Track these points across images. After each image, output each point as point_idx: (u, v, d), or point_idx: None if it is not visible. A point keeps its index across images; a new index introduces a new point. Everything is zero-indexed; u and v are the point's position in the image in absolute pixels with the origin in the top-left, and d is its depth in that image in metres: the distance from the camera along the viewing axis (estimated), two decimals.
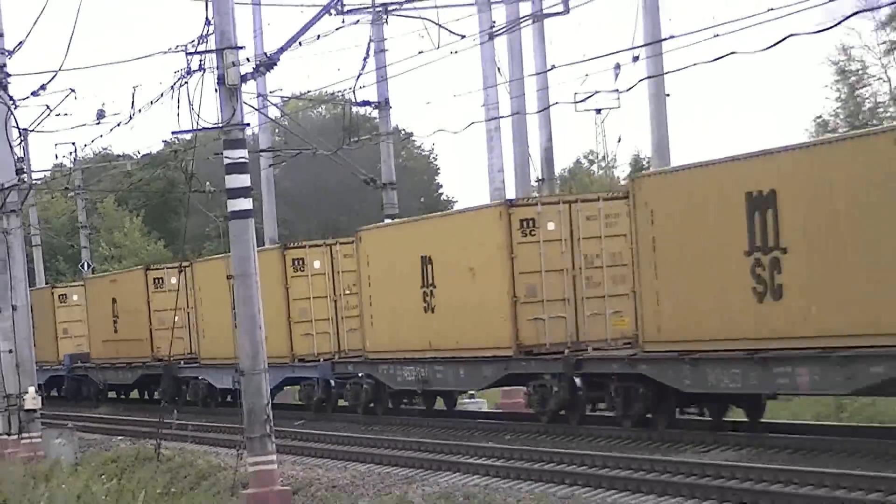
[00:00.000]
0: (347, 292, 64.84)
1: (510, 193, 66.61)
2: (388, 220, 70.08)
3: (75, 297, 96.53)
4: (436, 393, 65.73)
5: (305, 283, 64.93)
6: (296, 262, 64.49)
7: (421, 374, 59.39)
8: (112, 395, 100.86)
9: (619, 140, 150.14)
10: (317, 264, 67.22)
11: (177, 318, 71.85)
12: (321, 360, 67.97)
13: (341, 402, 67.37)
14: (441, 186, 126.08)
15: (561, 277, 51.12)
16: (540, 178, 64.83)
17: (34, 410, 56.48)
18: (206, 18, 44.07)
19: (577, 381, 53.46)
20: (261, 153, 64.33)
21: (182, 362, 71.72)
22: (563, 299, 51.16)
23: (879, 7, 75.33)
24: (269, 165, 78.62)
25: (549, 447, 52.16)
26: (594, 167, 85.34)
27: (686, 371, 50.04)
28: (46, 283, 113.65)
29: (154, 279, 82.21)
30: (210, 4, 43.95)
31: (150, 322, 76.49)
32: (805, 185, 47.41)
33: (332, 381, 67.98)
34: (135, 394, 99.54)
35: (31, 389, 57.73)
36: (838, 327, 44.15)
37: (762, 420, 53.84)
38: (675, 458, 45.64)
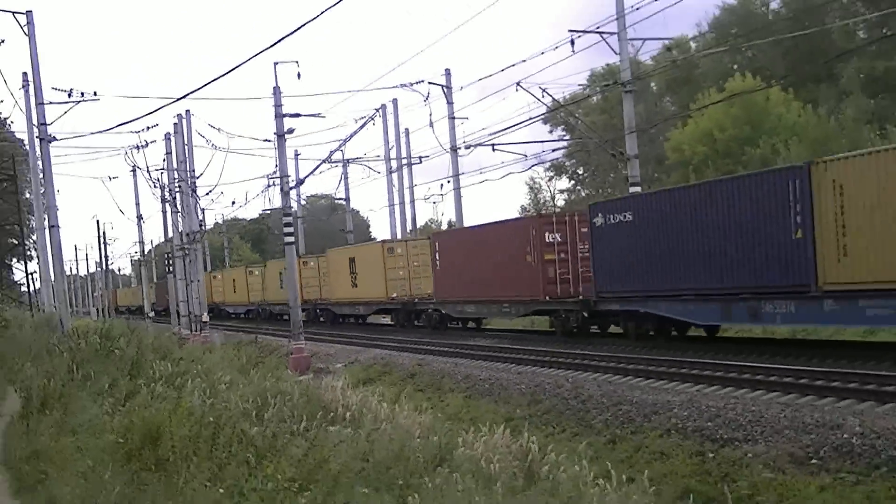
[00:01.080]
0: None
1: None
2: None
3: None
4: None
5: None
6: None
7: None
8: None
9: (443, 213, 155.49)
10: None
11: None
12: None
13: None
14: (371, 232, 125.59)
15: None
16: (410, 230, 65.29)
17: (206, 322, 56.99)
18: (275, 164, 45.50)
19: None
20: (298, 218, 65.06)
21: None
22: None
23: (543, 162, 77.28)
24: (302, 224, 78.22)
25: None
26: (433, 226, 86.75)
27: (337, 308, 63.06)
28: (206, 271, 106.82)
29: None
30: (276, 161, 45.44)
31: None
32: (360, 257, 59.06)
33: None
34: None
35: (205, 313, 58.42)
36: (374, 297, 56.00)
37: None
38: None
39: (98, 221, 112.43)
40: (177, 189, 62.58)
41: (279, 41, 35.46)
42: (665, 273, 32.28)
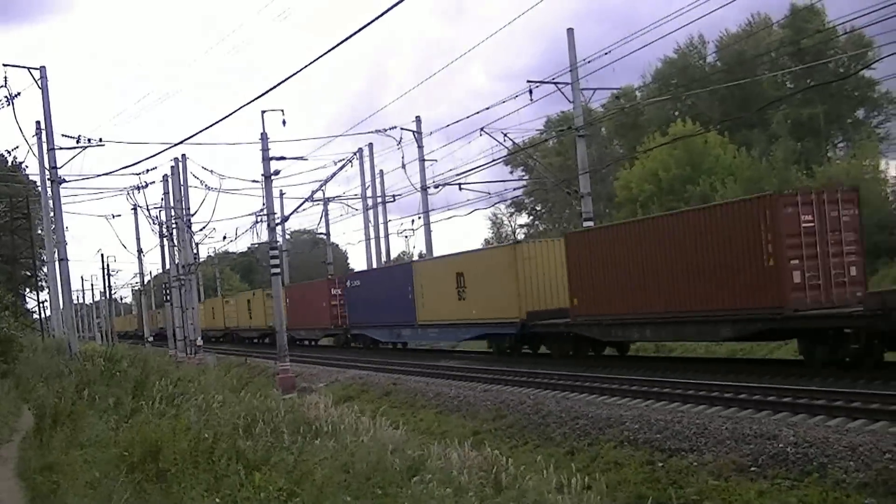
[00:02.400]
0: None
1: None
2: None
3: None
4: None
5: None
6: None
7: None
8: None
9: (414, 246, 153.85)
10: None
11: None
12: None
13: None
14: (349, 264, 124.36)
15: None
16: (385, 261, 64.71)
17: (200, 346, 56.53)
18: (263, 202, 45.38)
19: None
20: (283, 251, 64.92)
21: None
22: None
23: (505, 200, 77.01)
24: (287, 257, 77.66)
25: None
26: (405, 257, 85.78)
27: (243, 332, 73.30)
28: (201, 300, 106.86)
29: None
30: (264, 199, 45.34)
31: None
32: (253, 298, 70.83)
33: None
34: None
35: (199, 338, 58.05)
36: (259, 325, 59.23)
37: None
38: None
39: (103, 255, 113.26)
40: (174, 225, 62.45)
41: (266, 92, 35.40)
42: (370, 314, 53.91)
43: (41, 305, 77.38)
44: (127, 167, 67.32)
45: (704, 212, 29.79)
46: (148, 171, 60.58)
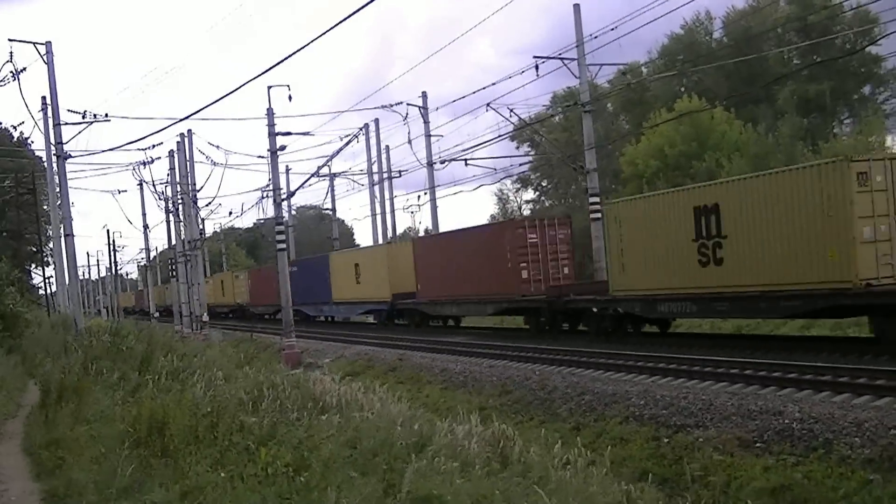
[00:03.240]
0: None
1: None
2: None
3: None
4: None
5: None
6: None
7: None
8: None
9: (420, 221, 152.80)
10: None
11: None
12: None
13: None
14: (355, 239, 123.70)
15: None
16: (392, 237, 64.97)
17: (206, 322, 56.89)
18: (269, 178, 45.36)
19: None
20: (289, 227, 65.11)
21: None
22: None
23: (511, 175, 76.30)
24: (293, 232, 77.76)
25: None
26: (411, 233, 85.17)
27: (219, 308, 78.50)
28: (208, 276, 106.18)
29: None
30: (270, 175, 45.32)
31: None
32: (225, 279, 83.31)
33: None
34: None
35: (205, 313, 58.33)
36: (230, 302, 75.11)
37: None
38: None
39: (108, 231, 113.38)
40: (179, 201, 62.53)
41: (272, 67, 35.51)
42: (303, 294, 61.13)
43: (47, 281, 77.50)
44: (132, 143, 66.98)
45: (476, 231, 46.34)
46: (154, 146, 60.35)
